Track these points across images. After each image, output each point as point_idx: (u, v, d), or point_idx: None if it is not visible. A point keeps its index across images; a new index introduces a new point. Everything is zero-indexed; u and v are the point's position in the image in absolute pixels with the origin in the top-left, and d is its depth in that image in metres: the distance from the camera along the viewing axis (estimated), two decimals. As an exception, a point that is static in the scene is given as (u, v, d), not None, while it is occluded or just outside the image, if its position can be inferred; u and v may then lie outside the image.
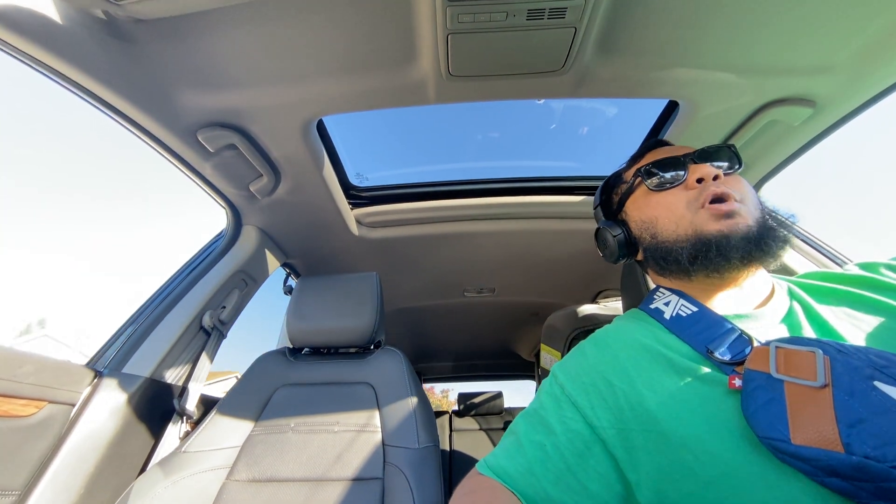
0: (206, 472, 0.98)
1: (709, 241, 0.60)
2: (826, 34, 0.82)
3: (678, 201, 0.66)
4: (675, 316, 0.63)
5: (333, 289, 1.34)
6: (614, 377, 0.58)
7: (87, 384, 1.00)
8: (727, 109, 1.02)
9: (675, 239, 0.64)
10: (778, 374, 0.45)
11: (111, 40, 0.79)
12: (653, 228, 0.69)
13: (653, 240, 0.69)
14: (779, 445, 0.41)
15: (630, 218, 0.76)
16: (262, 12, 0.77)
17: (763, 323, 0.58)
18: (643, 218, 0.72)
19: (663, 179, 0.69)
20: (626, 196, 0.76)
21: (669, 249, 0.65)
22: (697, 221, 0.62)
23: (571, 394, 0.60)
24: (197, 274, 1.33)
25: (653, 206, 0.70)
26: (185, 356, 1.25)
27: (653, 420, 0.52)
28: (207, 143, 1.04)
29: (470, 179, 1.53)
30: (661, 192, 0.69)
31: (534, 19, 0.76)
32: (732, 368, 0.51)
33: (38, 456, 0.88)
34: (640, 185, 0.73)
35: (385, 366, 1.23)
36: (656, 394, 0.53)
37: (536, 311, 2.42)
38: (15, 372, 0.85)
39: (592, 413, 0.57)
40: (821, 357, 0.44)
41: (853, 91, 0.92)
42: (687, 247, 0.62)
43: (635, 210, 0.74)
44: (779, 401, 0.44)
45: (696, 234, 0.62)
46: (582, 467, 0.54)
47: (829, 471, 0.38)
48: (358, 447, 1.03)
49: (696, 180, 0.65)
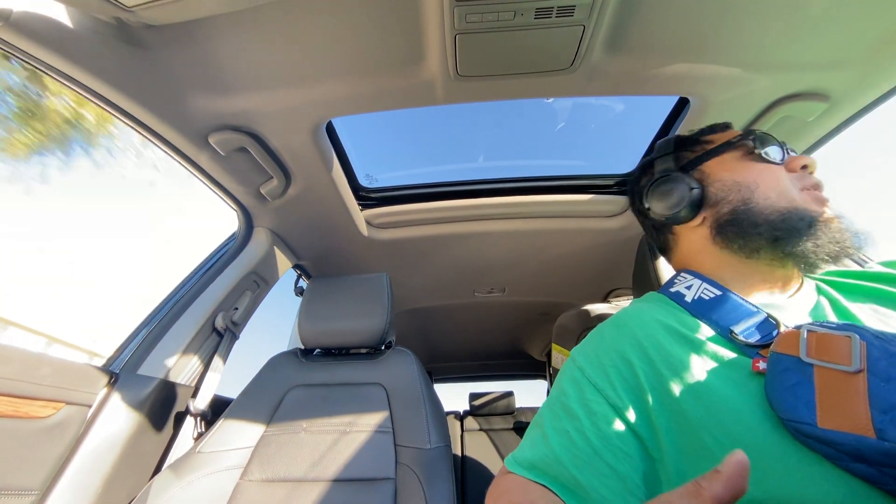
0: (220, 472, 0.99)
1: (813, 219, 0.59)
2: (840, 28, 0.81)
3: (783, 177, 0.65)
4: (698, 299, 0.62)
5: (344, 290, 1.35)
6: (634, 357, 0.58)
7: (102, 386, 1.01)
8: (739, 105, 1.01)
9: (771, 210, 0.62)
10: (808, 357, 0.45)
11: (123, 46, 0.80)
12: (748, 192, 0.65)
13: (744, 204, 0.65)
14: (804, 429, 0.41)
15: (713, 178, 0.71)
16: (270, 16, 0.77)
17: (790, 313, 0.57)
18: (738, 179, 0.68)
19: (773, 151, 0.67)
20: (712, 154, 0.72)
21: (761, 220, 0.63)
22: (800, 201, 0.61)
23: (592, 376, 0.59)
24: (209, 276, 1.34)
25: (754, 172, 0.67)
26: (199, 357, 1.26)
27: (672, 400, 0.51)
28: (219, 146, 1.05)
29: (478, 179, 1.53)
30: (761, 161, 0.67)
31: (542, 18, 0.75)
32: (756, 351, 0.51)
33: (56, 456, 0.90)
34: (740, 149, 0.69)
35: (396, 366, 1.23)
36: (676, 374, 0.53)
37: (547, 311, 2.41)
38: (34, 374, 0.86)
39: (615, 394, 0.56)
40: (857, 342, 0.43)
41: (868, 85, 0.91)
42: (791, 220, 0.60)
43: (725, 171, 0.70)
44: (807, 384, 0.43)
45: (798, 210, 0.60)
46: (609, 449, 0.52)
47: (857, 456, 0.38)
48: (370, 447, 1.03)
49: (800, 166, 0.65)
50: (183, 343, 1.20)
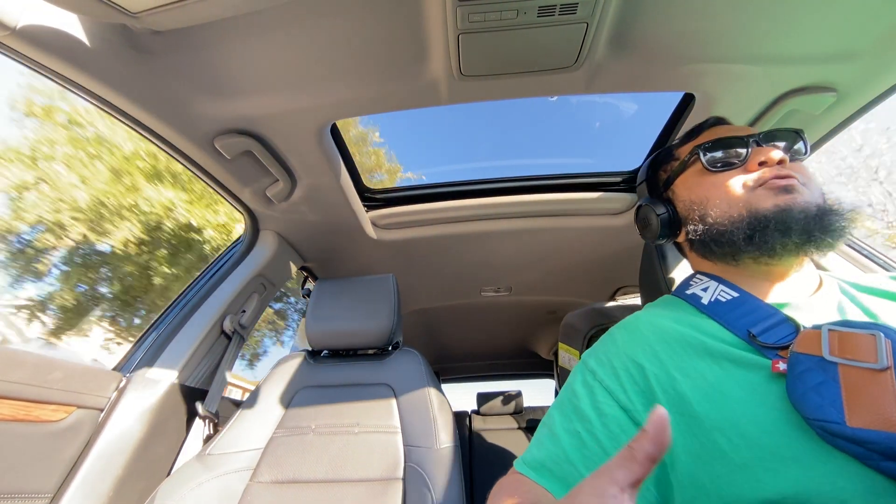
0: (230, 474, 1.00)
1: (766, 219, 0.57)
2: (846, 20, 0.80)
3: (735, 183, 0.63)
4: (714, 301, 0.61)
5: (351, 291, 1.35)
6: (646, 361, 0.57)
7: (113, 389, 1.02)
8: (745, 100, 1.00)
9: (727, 221, 0.62)
10: (831, 356, 0.44)
11: (129, 52, 0.80)
12: (702, 209, 0.66)
13: (701, 221, 0.66)
14: (832, 427, 0.40)
15: (678, 197, 0.72)
16: (274, 20, 0.78)
17: (810, 312, 0.56)
18: (692, 198, 0.68)
19: (722, 159, 0.66)
20: (677, 174, 0.73)
21: (721, 232, 0.62)
22: (752, 200, 0.60)
23: (603, 379, 0.59)
24: (217, 279, 1.35)
25: (705, 187, 0.66)
26: (207, 360, 1.27)
27: (685, 403, 0.51)
28: (224, 150, 1.06)
29: (484, 179, 1.53)
30: (717, 172, 0.65)
31: (545, 16, 0.75)
32: (776, 353, 0.50)
33: (67, 460, 0.91)
34: (695, 164, 0.69)
35: (403, 367, 1.23)
36: (689, 378, 0.52)
37: (554, 310, 2.40)
38: (45, 378, 0.87)
39: (625, 397, 0.56)
40: (882, 339, 0.42)
41: (876, 77, 0.89)
42: (742, 227, 0.59)
43: (685, 189, 0.71)
44: (832, 383, 0.42)
45: (750, 213, 0.59)
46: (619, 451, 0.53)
47: (889, 454, 0.37)
48: (378, 448, 1.03)
49: (757, 163, 0.62)
50: (192, 346, 1.21)
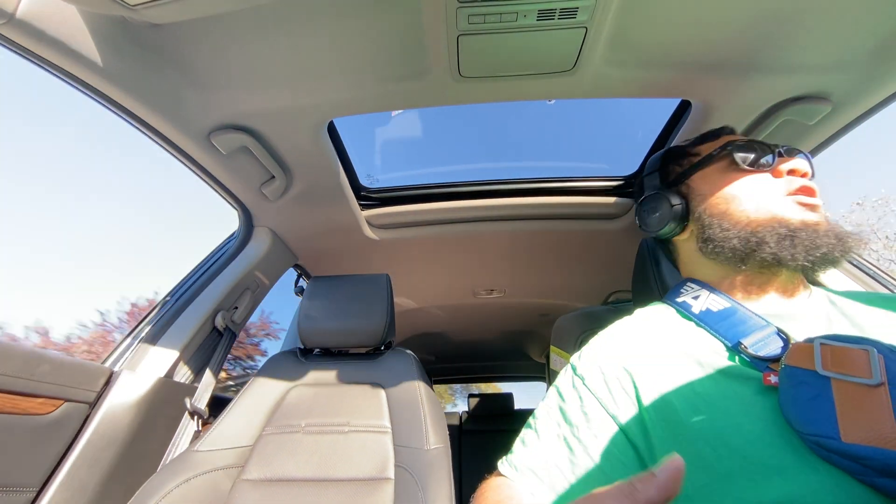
0: (217, 471, 0.99)
1: (794, 230, 0.57)
2: (841, 30, 0.80)
3: (764, 185, 0.63)
4: (705, 310, 0.61)
5: (344, 290, 1.35)
6: (633, 367, 0.57)
7: (102, 383, 1.01)
8: (741, 108, 1.01)
9: (748, 222, 0.61)
10: (824, 370, 0.44)
11: (126, 45, 0.80)
12: (726, 205, 0.65)
13: (720, 218, 0.65)
14: (826, 443, 0.40)
15: (696, 192, 0.71)
16: (273, 16, 0.77)
17: (801, 324, 0.56)
18: (716, 192, 0.67)
19: (755, 159, 0.65)
20: (696, 168, 0.72)
21: (737, 233, 0.62)
22: (779, 208, 0.60)
23: (590, 384, 0.59)
24: (210, 275, 1.35)
25: (733, 183, 0.66)
26: (198, 356, 1.26)
27: (672, 411, 0.51)
28: (220, 145, 1.05)
29: (479, 181, 1.53)
30: (745, 172, 0.65)
31: (544, 20, 0.75)
32: (766, 365, 0.50)
33: (54, 453, 0.90)
34: (723, 160, 0.68)
35: (395, 367, 1.23)
36: (677, 386, 0.52)
37: (546, 313, 2.41)
38: (34, 371, 0.86)
39: (612, 402, 0.56)
40: (875, 355, 0.42)
41: (872, 87, 0.90)
42: (768, 232, 0.59)
43: (706, 185, 0.69)
44: (825, 398, 0.42)
45: (775, 220, 0.59)
46: (605, 457, 0.52)
47: (884, 470, 0.37)
48: (368, 448, 1.03)
49: (786, 171, 0.63)
50: (182, 342, 1.20)
